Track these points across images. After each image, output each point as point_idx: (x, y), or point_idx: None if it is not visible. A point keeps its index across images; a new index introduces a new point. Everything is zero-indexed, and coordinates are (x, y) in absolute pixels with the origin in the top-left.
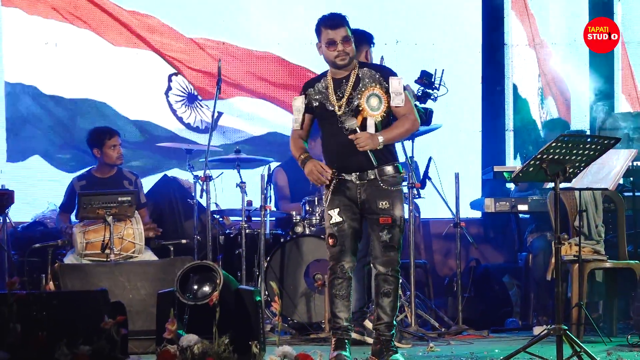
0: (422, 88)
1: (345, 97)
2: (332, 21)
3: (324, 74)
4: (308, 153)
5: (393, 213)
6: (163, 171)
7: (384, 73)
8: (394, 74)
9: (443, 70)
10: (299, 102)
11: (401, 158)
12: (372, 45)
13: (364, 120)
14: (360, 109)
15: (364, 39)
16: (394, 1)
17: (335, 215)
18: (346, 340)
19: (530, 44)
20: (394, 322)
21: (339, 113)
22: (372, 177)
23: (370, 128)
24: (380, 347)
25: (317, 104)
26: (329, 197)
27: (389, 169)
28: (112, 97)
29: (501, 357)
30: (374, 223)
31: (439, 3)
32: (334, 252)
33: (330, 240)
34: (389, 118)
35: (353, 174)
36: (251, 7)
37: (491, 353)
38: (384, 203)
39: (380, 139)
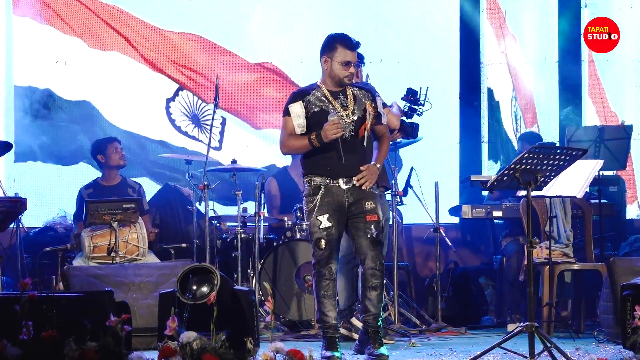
0: (408, 104)
1: (350, 108)
2: (351, 43)
3: (315, 86)
4: (314, 131)
5: (378, 212)
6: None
7: (372, 93)
8: (377, 95)
9: (427, 87)
10: (299, 107)
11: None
12: (363, 64)
13: (360, 131)
14: (368, 119)
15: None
16: (378, 23)
17: (325, 221)
18: (337, 339)
19: (504, 62)
20: (381, 314)
21: (347, 120)
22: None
23: (368, 140)
24: (367, 337)
25: (318, 109)
26: (317, 203)
27: None
28: (114, 108)
29: (478, 352)
30: (361, 222)
31: (420, 24)
32: (323, 255)
33: (320, 244)
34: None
35: (341, 179)
36: (252, 24)
37: (468, 348)
38: (369, 203)
39: (378, 165)
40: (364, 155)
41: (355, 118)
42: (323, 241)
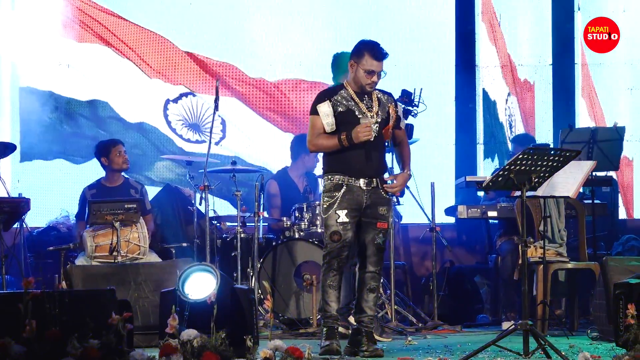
0: (403, 106)
1: (375, 110)
2: (379, 53)
3: (341, 87)
4: (343, 132)
5: (389, 219)
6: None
7: (392, 97)
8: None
9: (422, 89)
10: (327, 107)
11: None
12: None
13: (384, 133)
14: (392, 122)
15: None
16: (375, 25)
17: (343, 216)
18: (336, 330)
19: (499, 65)
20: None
21: (373, 121)
22: (375, 184)
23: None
24: (361, 337)
25: (344, 109)
26: (338, 199)
27: (384, 178)
28: (119, 108)
29: (473, 350)
30: (370, 226)
31: (417, 28)
32: (335, 247)
33: (335, 237)
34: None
35: (362, 179)
36: (250, 28)
37: (464, 346)
38: (383, 209)
39: (410, 172)
40: (383, 157)
41: (380, 120)
42: (337, 234)
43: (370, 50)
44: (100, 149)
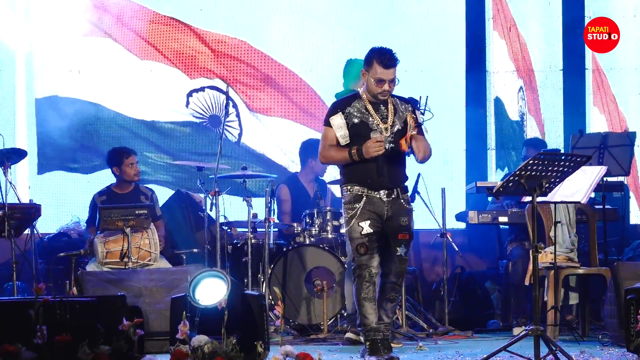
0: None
1: (390, 121)
2: (387, 61)
3: (357, 96)
4: (355, 145)
5: (410, 229)
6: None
7: (411, 104)
8: (415, 107)
9: (427, 96)
10: (340, 119)
11: None
12: None
13: (401, 144)
14: (409, 131)
15: None
16: (386, 32)
17: (366, 227)
18: (379, 342)
19: (509, 70)
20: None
21: (386, 134)
22: (396, 194)
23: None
24: (378, 344)
25: (358, 121)
26: (359, 210)
27: (405, 187)
28: (132, 109)
29: (484, 355)
30: (393, 237)
31: (427, 33)
32: (363, 259)
33: (362, 249)
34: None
35: (382, 191)
36: (263, 34)
37: (475, 351)
38: (404, 220)
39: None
40: (402, 167)
41: (395, 130)
42: (364, 246)
43: (379, 57)
44: (112, 158)
